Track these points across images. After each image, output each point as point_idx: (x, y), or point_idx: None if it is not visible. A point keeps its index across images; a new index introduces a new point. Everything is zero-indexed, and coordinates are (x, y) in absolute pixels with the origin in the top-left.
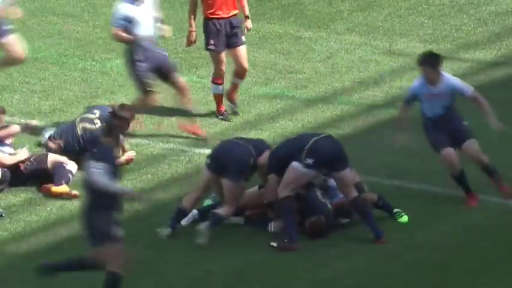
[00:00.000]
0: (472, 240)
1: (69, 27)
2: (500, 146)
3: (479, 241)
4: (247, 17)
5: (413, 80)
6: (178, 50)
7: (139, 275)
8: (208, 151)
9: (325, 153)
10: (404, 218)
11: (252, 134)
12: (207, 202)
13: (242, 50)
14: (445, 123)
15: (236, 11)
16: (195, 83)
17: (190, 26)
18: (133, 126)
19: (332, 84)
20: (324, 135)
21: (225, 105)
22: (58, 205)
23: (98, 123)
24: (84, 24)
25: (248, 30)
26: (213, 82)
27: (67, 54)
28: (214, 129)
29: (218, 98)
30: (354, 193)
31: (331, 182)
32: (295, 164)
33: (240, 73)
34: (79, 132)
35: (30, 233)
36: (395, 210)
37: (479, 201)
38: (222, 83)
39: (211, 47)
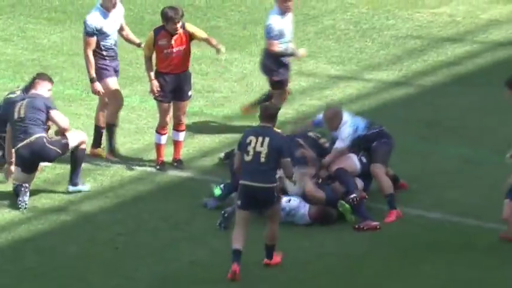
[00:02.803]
0: (377, 248)
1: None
2: (402, 158)
3: (383, 248)
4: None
5: (322, 99)
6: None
7: (63, 280)
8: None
9: None
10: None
11: (170, 150)
12: (217, 191)
13: (184, 105)
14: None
15: (186, 68)
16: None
17: (150, 77)
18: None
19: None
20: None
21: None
22: None
23: (18, 92)
24: (13, 47)
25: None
26: (156, 131)
27: None
28: (136, 145)
29: (159, 148)
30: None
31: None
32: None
33: (175, 125)
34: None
35: None
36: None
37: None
38: (165, 134)
39: (158, 98)
